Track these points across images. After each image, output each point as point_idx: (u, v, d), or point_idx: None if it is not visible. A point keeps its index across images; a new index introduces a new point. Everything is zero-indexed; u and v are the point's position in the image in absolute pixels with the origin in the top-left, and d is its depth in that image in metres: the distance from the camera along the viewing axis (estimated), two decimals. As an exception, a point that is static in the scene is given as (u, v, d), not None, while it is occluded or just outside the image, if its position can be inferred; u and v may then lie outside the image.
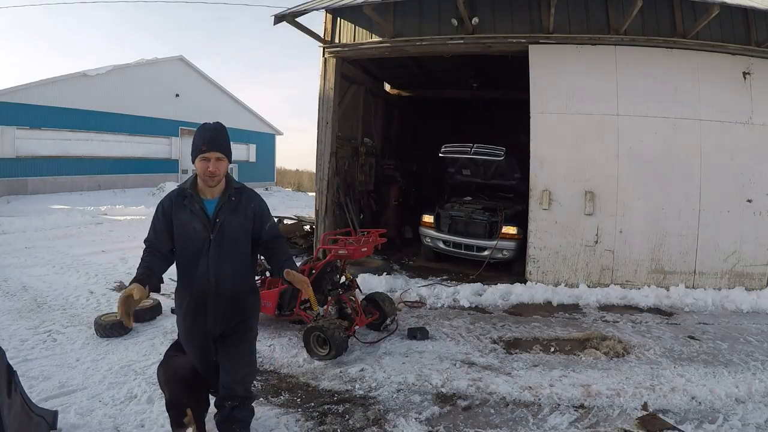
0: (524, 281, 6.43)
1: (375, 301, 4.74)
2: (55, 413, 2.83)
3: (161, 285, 2.49)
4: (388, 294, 5.23)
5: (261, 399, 3.34)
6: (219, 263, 2.49)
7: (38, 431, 2.58)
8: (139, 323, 4.65)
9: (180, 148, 19.86)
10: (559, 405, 3.35)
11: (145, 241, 2.54)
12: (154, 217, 2.54)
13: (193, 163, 2.50)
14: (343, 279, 4.72)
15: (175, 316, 2.83)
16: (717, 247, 6.29)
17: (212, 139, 2.45)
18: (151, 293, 2.44)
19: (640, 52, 6.28)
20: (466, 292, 5.93)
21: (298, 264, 5.68)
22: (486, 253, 6.99)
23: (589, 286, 6.19)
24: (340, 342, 3.97)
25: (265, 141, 26.36)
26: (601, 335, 4.64)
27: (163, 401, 2.68)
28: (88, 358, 3.91)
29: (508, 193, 8.06)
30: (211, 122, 2.53)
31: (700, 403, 3.38)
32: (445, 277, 6.88)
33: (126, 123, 18.06)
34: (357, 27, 7.32)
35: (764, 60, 6.24)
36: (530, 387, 3.57)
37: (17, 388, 2.46)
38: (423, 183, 11.41)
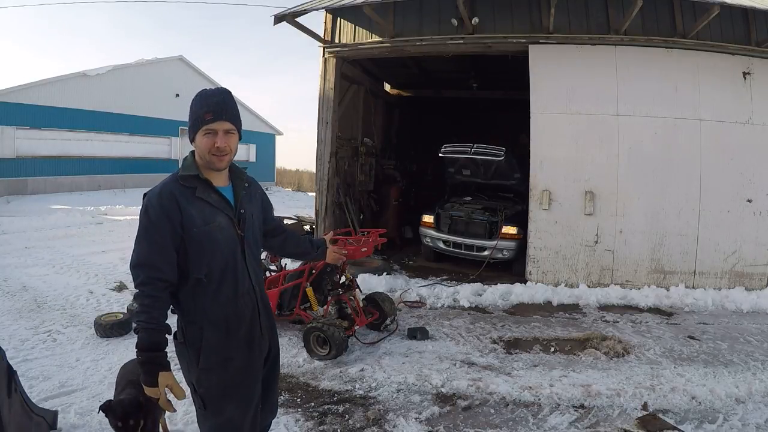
0: (524, 281, 6.43)
1: (375, 301, 4.74)
2: (55, 413, 2.83)
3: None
4: (388, 294, 5.23)
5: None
6: (255, 268, 1.97)
7: (38, 431, 2.58)
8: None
9: (180, 148, 19.85)
10: (559, 405, 3.36)
11: (138, 270, 1.74)
12: (145, 228, 1.76)
13: (192, 140, 1.85)
14: (343, 279, 4.72)
15: None
16: (717, 247, 6.29)
17: (219, 105, 1.81)
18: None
19: (640, 52, 6.28)
20: (466, 292, 5.93)
21: (297, 265, 5.70)
22: (486, 253, 6.99)
23: (589, 286, 6.19)
24: (340, 342, 3.97)
25: (265, 141, 26.33)
26: (601, 335, 4.64)
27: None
28: (88, 358, 3.91)
29: (508, 193, 8.06)
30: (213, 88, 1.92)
31: (700, 403, 3.39)
32: (445, 277, 6.87)
33: (126, 123, 18.07)
34: (357, 27, 7.32)
35: (764, 60, 6.24)
36: (530, 387, 3.56)
37: (17, 388, 2.47)
38: (423, 183, 11.40)
